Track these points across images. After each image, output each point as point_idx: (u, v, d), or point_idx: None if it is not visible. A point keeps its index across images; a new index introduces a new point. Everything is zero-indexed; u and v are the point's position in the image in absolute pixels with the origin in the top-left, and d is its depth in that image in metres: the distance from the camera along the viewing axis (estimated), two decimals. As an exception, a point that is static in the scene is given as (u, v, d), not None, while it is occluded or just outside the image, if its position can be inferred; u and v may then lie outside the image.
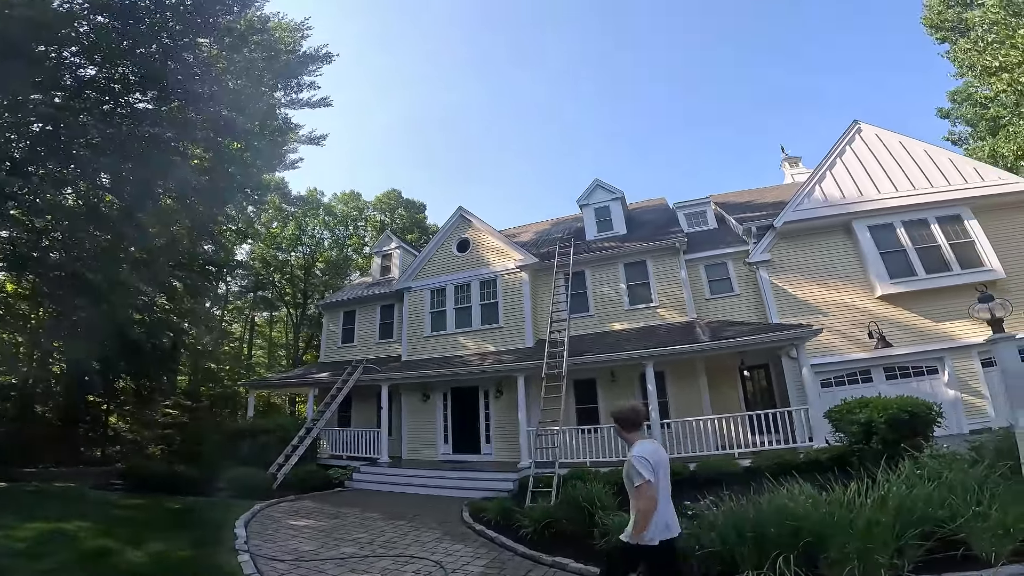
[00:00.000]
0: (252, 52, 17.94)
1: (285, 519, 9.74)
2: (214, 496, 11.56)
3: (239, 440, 14.19)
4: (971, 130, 25.49)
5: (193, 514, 9.85)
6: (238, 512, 9.64)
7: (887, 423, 6.86)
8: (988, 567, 3.88)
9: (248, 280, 33.27)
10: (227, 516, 9.28)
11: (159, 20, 14.76)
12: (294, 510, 10.68)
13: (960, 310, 13.31)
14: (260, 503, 10.73)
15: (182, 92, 15.68)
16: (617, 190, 17.84)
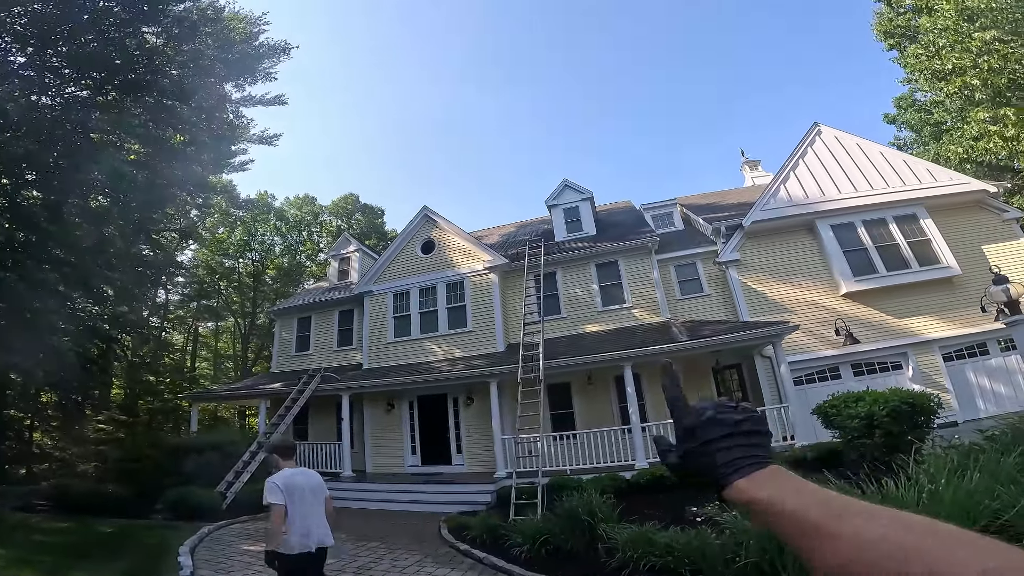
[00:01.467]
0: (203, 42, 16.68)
1: (238, 543, 8.75)
2: (153, 518, 10.51)
3: (181, 457, 12.90)
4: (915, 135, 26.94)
5: (129, 539, 8.75)
6: (183, 536, 8.61)
7: (890, 415, 6.71)
8: None
9: (191, 288, 31.16)
10: (169, 541, 8.27)
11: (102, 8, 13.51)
12: (248, 532, 9.67)
13: (921, 306, 13.76)
14: (208, 525, 9.66)
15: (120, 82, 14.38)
16: (586, 190, 17.60)
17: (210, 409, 27.24)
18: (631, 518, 6.94)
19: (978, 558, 0.41)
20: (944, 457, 5.02)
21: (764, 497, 0.57)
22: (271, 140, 21.54)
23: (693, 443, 0.67)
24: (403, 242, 17.36)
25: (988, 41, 13.58)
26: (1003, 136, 14.72)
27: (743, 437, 0.65)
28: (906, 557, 0.43)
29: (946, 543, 0.43)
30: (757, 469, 0.61)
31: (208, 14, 16.95)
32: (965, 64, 14.18)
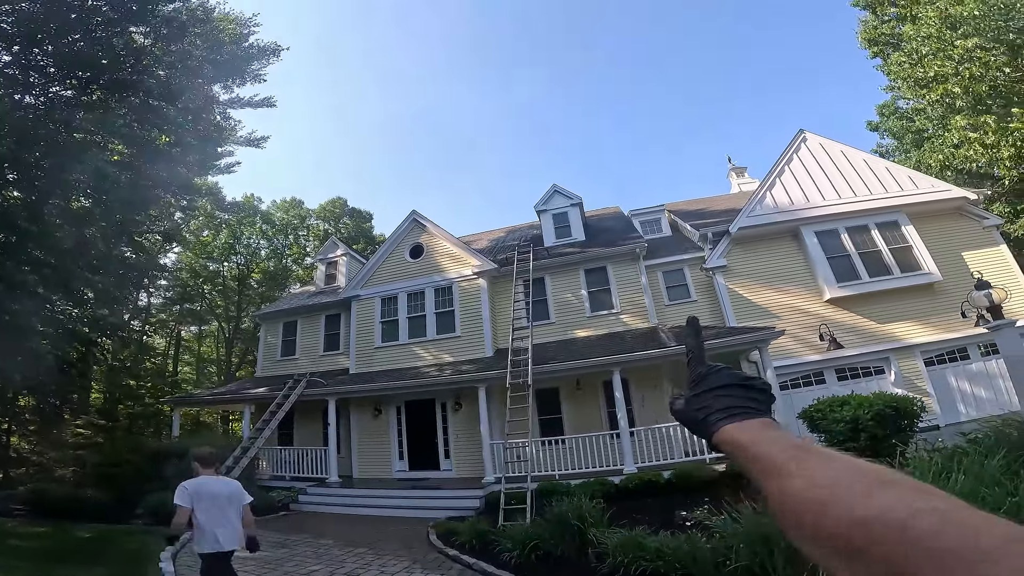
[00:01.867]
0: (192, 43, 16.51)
1: None
2: (133, 523, 10.33)
3: (162, 462, 12.67)
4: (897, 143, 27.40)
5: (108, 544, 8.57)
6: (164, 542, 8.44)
7: (874, 419, 6.80)
8: None
9: (174, 291, 30.67)
10: (150, 546, 8.08)
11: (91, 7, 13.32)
12: None
13: (902, 311, 13.98)
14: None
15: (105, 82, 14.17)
16: (575, 196, 17.66)
17: (192, 414, 26.80)
18: (621, 523, 6.94)
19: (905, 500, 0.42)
20: (928, 460, 5.09)
21: (745, 440, 0.61)
22: (258, 142, 21.37)
23: (700, 388, 0.72)
24: (391, 246, 17.27)
25: (970, 49, 13.78)
26: (983, 144, 14.92)
27: (745, 390, 0.68)
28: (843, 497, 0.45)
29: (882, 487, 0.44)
30: (750, 418, 0.64)
31: (198, 14, 16.79)
32: (947, 72, 14.41)
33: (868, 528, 0.41)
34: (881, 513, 0.41)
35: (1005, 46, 13.65)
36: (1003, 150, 14.70)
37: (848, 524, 0.43)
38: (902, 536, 0.38)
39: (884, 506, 0.42)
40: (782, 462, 0.53)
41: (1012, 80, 14.40)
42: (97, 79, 14.61)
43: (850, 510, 0.44)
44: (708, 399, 0.69)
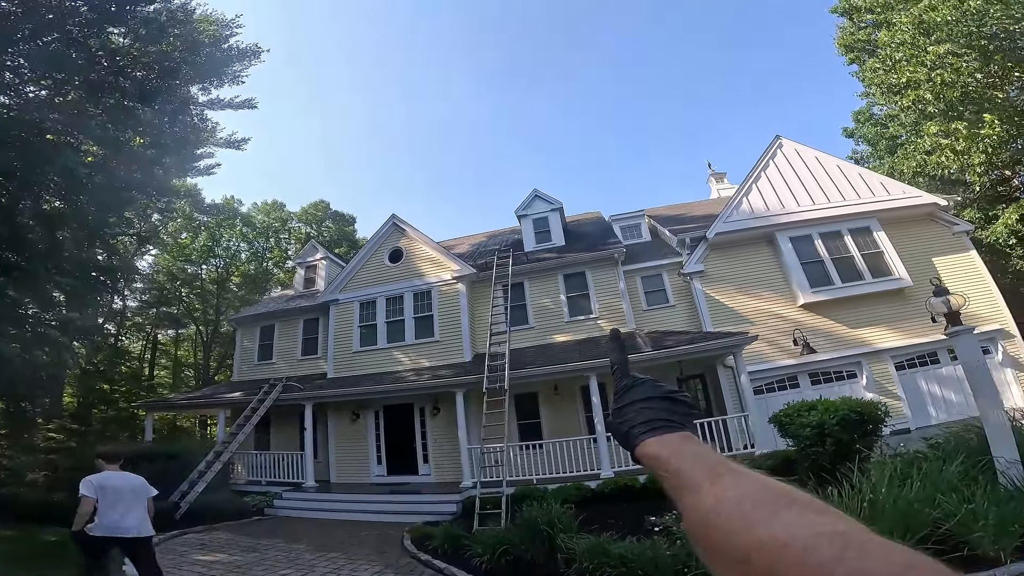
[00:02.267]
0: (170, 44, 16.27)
1: (191, 553, 8.52)
2: None
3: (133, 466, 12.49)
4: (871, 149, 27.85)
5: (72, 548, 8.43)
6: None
7: (839, 424, 6.91)
8: (995, 566, 3.77)
9: (150, 294, 30.14)
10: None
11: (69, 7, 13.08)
12: (203, 542, 9.41)
13: (874, 316, 14.24)
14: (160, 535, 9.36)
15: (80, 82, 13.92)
16: (555, 201, 17.73)
17: (168, 418, 26.39)
18: (591, 528, 6.97)
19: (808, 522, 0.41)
20: (887, 466, 5.18)
21: (664, 454, 0.60)
22: (239, 144, 21.07)
23: (623, 401, 0.71)
24: (370, 250, 17.18)
25: (942, 55, 13.97)
26: (954, 150, 15.14)
27: (668, 403, 0.68)
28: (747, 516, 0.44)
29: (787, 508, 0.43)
30: (671, 432, 0.63)
31: (178, 16, 16.54)
32: (920, 78, 14.57)
33: (768, 551, 0.40)
34: (783, 535, 0.40)
35: (977, 52, 13.80)
36: (974, 156, 14.90)
37: (749, 546, 0.42)
38: (804, 559, 0.37)
39: (786, 528, 0.41)
40: (697, 479, 0.52)
41: (983, 86, 14.63)
42: (72, 79, 14.36)
43: (752, 531, 0.42)
44: (631, 412, 0.69)
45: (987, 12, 13.16)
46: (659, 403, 0.68)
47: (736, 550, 0.43)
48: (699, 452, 0.58)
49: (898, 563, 0.34)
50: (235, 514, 11.86)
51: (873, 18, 19.04)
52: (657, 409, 0.67)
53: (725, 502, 0.47)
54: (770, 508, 0.44)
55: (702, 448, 0.60)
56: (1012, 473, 4.72)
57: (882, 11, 17.50)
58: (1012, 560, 3.80)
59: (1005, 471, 4.76)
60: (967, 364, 5.47)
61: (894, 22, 15.67)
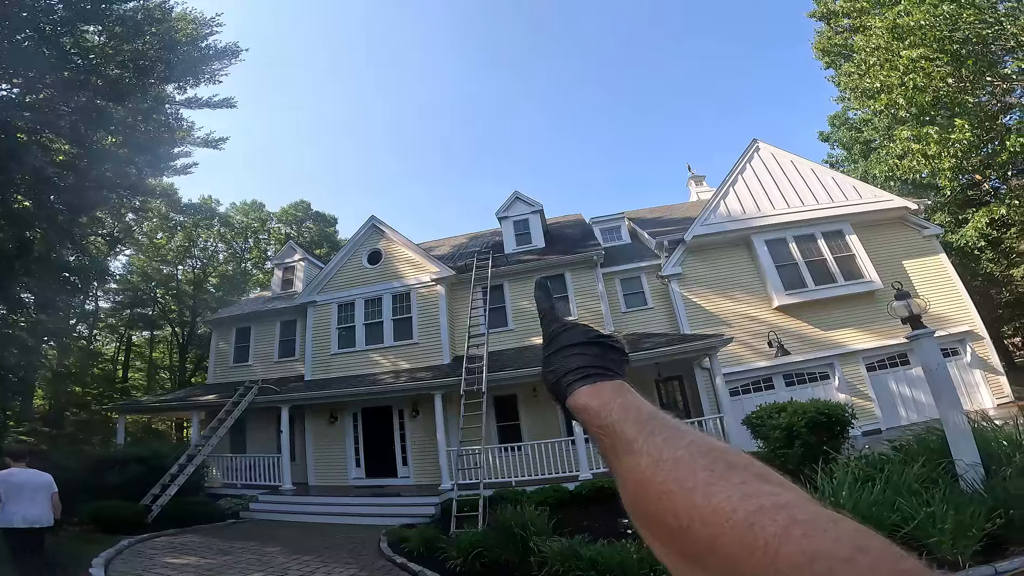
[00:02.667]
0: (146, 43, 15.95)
1: (161, 557, 8.38)
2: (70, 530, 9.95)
3: (104, 470, 12.28)
4: (846, 153, 28.29)
5: None
6: (98, 548, 8.20)
7: (807, 426, 7.02)
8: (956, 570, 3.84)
9: (123, 295, 29.50)
10: (82, 553, 7.85)
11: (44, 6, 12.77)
12: (174, 546, 9.26)
13: (846, 318, 14.50)
14: (129, 538, 9.22)
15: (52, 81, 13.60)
16: (536, 203, 17.74)
17: (143, 421, 25.91)
18: (566, 530, 6.99)
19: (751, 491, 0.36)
20: (851, 468, 5.26)
21: (595, 405, 0.53)
22: (216, 143, 20.76)
23: (552, 348, 0.65)
24: (349, 252, 17.03)
25: (915, 59, 14.13)
26: (925, 154, 15.29)
27: (600, 348, 0.61)
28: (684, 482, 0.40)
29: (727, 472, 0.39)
30: (605, 380, 0.57)
31: (155, 14, 16.25)
32: (892, 82, 14.67)
33: (710, 522, 0.36)
34: (725, 505, 0.36)
35: (949, 56, 13.93)
36: (944, 161, 15.04)
37: (691, 516, 0.37)
38: (745, 535, 0.33)
39: (727, 498, 0.36)
40: (631, 435, 0.47)
41: (954, 91, 14.83)
42: (44, 77, 14.03)
43: (692, 497, 0.38)
44: (560, 359, 0.62)
45: (960, 16, 13.29)
46: (591, 348, 0.61)
47: (674, 518, 0.38)
48: (633, 403, 0.52)
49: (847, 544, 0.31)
50: (209, 517, 11.71)
51: (850, 23, 19.19)
52: (589, 356, 0.60)
53: (662, 464, 0.42)
54: (711, 471, 0.40)
55: (637, 399, 0.53)
56: (971, 476, 4.80)
57: (858, 16, 17.68)
58: (971, 564, 3.87)
59: (964, 474, 4.85)
60: (927, 367, 5.59)
61: (869, 26, 15.82)
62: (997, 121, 15.34)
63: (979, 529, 3.95)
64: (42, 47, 13.29)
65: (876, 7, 16.52)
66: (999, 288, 22.55)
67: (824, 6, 20.56)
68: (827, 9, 20.42)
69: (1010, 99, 15.95)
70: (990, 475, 4.76)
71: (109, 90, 14.74)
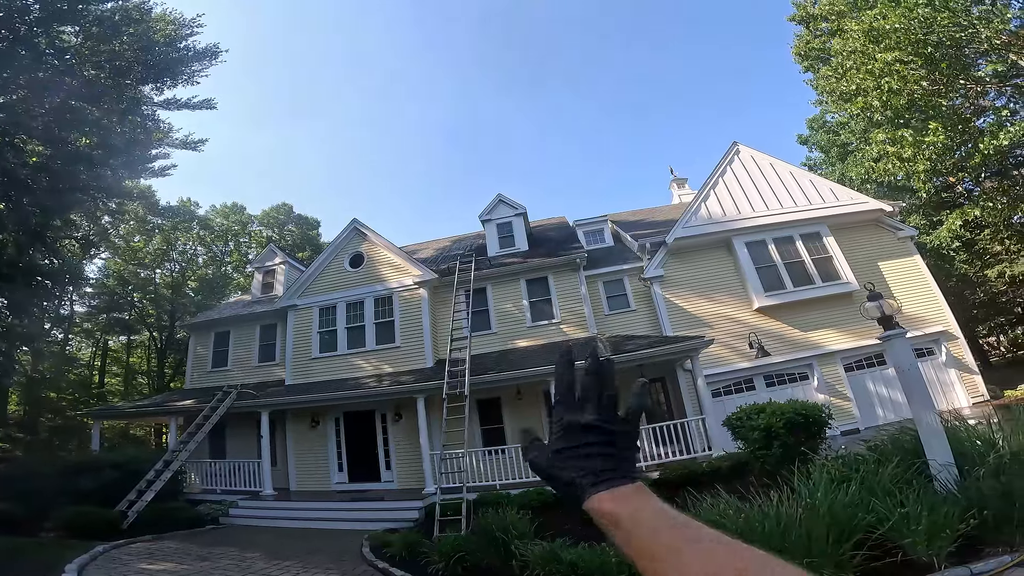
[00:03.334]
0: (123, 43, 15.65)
1: (137, 563, 8.22)
2: (43, 536, 9.80)
3: (79, 475, 12.06)
4: (824, 156, 28.69)
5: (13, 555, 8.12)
6: (72, 554, 7.99)
7: (785, 427, 7.10)
8: (930, 571, 3.88)
9: (99, 299, 28.87)
10: (55, 559, 7.66)
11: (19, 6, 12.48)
12: (150, 552, 9.06)
13: (824, 320, 14.71)
14: (103, 544, 9.00)
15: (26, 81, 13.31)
16: (520, 205, 17.75)
17: (120, 427, 25.41)
18: (548, 533, 6.98)
19: None
20: (827, 468, 5.31)
21: (625, 514, 0.54)
22: (195, 145, 20.45)
23: (564, 443, 0.62)
24: (331, 255, 16.87)
25: (890, 62, 14.31)
26: (900, 157, 15.54)
27: (613, 440, 0.61)
28: None
29: None
30: (624, 484, 0.57)
31: (133, 15, 15.98)
32: (868, 85, 14.87)
33: None
34: None
35: (923, 59, 14.16)
36: (919, 164, 15.29)
37: None
38: None
39: None
40: (669, 543, 0.50)
41: (929, 94, 15.02)
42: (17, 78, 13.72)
43: None
44: (573, 459, 0.60)
45: (935, 19, 13.46)
46: (605, 443, 0.60)
47: None
48: (659, 510, 0.54)
49: None
50: (187, 523, 11.53)
51: (828, 26, 19.40)
52: (605, 455, 0.59)
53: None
54: None
55: (658, 503, 0.56)
56: (945, 476, 4.86)
57: (836, 19, 17.90)
58: (947, 565, 3.92)
59: (938, 474, 4.91)
60: (899, 367, 5.67)
61: (847, 30, 16.01)
62: (970, 124, 15.64)
63: (953, 530, 3.99)
64: (16, 47, 12.99)
65: (854, 10, 16.76)
66: (973, 288, 23.10)
67: (803, 10, 20.88)
68: (806, 13, 20.73)
69: (983, 102, 16.31)
70: (964, 475, 4.82)
71: (84, 91, 14.46)
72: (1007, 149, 14.31)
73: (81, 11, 13.38)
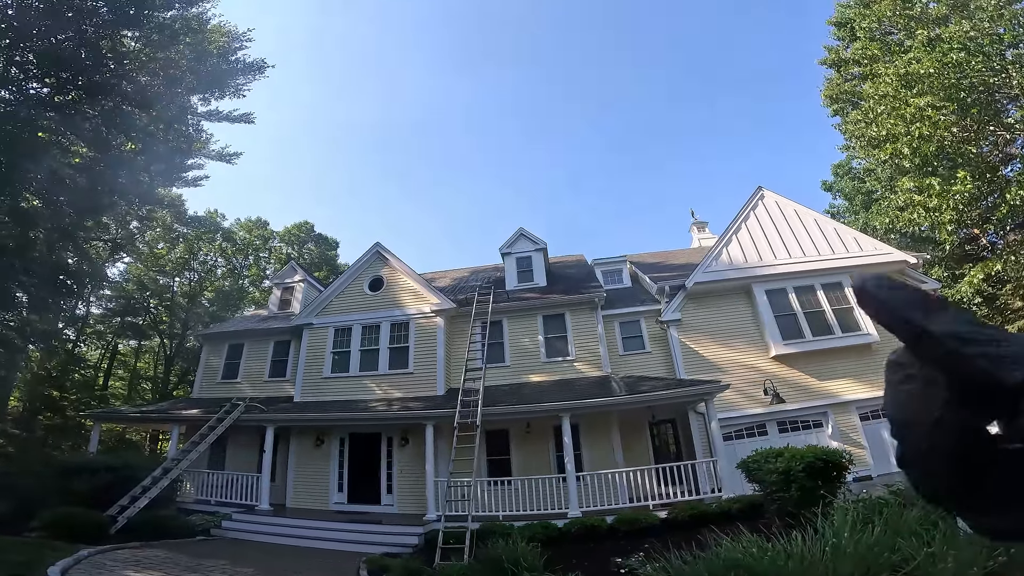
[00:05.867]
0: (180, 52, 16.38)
1: (122, 569, 7.96)
2: (27, 536, 9.56)
3: (71, 477, 11.92)
4: (848, 204, 28.45)
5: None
6: (57, 557, 7.79)
7: (805, 470, 7.01)
8: None
9: (116, 302, 29.26)
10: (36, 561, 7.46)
11: (90, 7, 13.18)
12: (137, 559, 8.79)
13: (841, 369, 14.56)
14: (89, 548, 8.76)
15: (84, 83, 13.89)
16: (540, 241, 17.94)
17: (117, 431, 25.30)
18: (558, 567, 6.84)
19: None
20: (850, 510, 5.23)
21: None
22: (230, 158, 21.08)
23: None
24: (351, 277, 17.08)
25: (922, 107, 14.16)
26: (926, 207, 15.30)
27: None
28: None
29: None
30: None
31: (192, 24, 16.72)
32: (899, 131, 14.83)
33: None
34: None
35: (955, 104, 14.05)
36: (945, 214, 15.05)
37: None
38: None
39: None
40: None
41: (959, 140, 14.87)
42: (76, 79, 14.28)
43: None
44: None
45: (968, 64, 13.48)
46: None
47: None
48: None
49: None
50: (178, 532, 11.27)
51: (860, 70, 19.35)
52: None
53: None
54: None
55: None
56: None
57: (869, 63, 17.88)
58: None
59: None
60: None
61: (879, 74, 15.91)
62: (997, 173, 15.44)
63: (981, 568, 3.93)
64: (80, 49, 13.59)
65: (887, 55, 16.83)
66: (995, 345, 22.65)
67: (835, 53, 20.98)
68: (838, 57, 20.82)
69: (1011, 149, 16.16)
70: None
71: (137, 96, 15.01)
72: (1034, 199, 14.05)
73: (147, 16, 13.97)
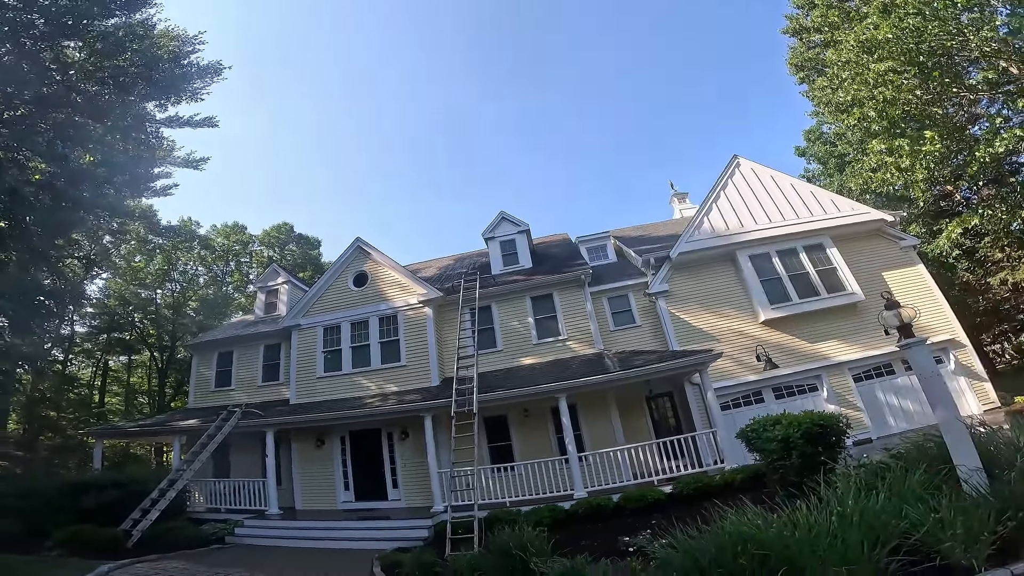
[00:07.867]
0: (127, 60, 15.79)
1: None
2: (43, 555, 9.65)
3: (79, 494, 11.90)
4: (822, 167, 28.73)
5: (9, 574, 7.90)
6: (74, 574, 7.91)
7: (803, 437, 7.04)
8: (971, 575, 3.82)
9: (100, 319, 28.75)
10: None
11: (24, 20, 12.63)
12: (156, 572, 8.85)
13: (830, 331, 14.69)
14: (108, 564, 8.79)
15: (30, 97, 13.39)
16: (523, 223, 17.80)
17: (121, 446, 25.19)
18: (566, 550, 6.85)
19: None
20: (852, 476, 5.24)
21: None
22: (197, 164, 20.55)
23: None
24: (334, 274, 16.84)
25: (883, 72, 14.28)
26: (898, 167, 15.47)
27: None
28: None
29: None
30: None
31: (137, 31, 16.12)
32: (863, 96, 14.94)
33: None
34: None
35: (916, 68, 14.16)
36: (917, 173, 15.25)
37: None
38: None
39: None
40: None
41: (923, 103, 14.90)
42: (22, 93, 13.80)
43: None
44: None
45: (925, 29, 13.54)
46: None
47: None
48: None
49: None
50: (192, 543, 11.34)
51: (821, 38, 19.39)
52: None
53: None
54: None
55: None
56: (975, 481, 4.77)
57: (829, 31, 17.92)
58: (986, 568, 3.86)
59: (968, 479, 4.85)
60: (922, 375, 5.63)
61: (840, 41, 15.95)
62: (965, 132, 15.70)
63: (991, 532, 3.94)
64: (22, 62, 13.09)
65: (846, 22, 16.88)
66: (976, 297, 23.09)
67: (796, 22, 20.99)
68: (799, 25, 20.83)
69: (976, 110, 16.39)
70: (993, 479, 4.77)
71: (88, 107, 14.53)
72: (1003, 156, 14.23)
73: (86, 26, 13.48)
